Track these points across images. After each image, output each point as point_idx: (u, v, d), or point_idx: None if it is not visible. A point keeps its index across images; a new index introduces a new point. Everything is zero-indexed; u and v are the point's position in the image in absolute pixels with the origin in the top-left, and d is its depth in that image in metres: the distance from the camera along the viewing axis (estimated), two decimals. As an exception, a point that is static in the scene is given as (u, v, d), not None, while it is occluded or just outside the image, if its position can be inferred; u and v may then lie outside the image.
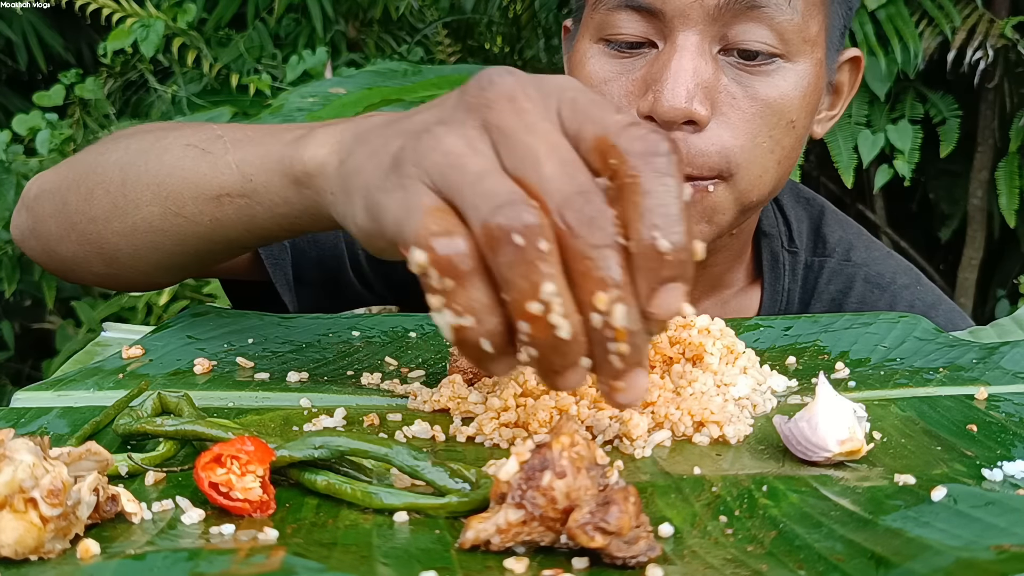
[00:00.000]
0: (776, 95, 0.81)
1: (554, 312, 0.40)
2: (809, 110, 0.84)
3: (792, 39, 0.79)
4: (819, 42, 0.82)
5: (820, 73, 0.84)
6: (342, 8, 2.64)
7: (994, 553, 0.38)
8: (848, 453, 0.52)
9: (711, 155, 0.80)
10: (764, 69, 0.80)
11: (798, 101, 0.82)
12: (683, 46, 0.78)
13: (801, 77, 0.81)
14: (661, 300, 0.41)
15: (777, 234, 0.99)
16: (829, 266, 0.99)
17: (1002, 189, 2.14)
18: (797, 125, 0.83)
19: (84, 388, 0.63)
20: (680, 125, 0.78)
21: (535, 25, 2.86)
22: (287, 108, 1.73)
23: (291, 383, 0.65)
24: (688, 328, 0.65)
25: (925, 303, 0.97)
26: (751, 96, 0.80)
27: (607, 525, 0.39)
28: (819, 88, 0.84)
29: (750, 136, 0.81)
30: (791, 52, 0.80)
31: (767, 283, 0.98)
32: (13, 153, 2.48)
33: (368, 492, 0.46)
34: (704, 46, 0.79)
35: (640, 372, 0.42)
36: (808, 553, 0.41)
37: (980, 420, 0.59)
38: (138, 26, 2.39)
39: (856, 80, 0.93)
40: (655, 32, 0.80)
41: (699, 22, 0.78)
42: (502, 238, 0.40)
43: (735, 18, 0.78)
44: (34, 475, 0.39)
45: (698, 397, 0.60)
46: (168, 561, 0.37)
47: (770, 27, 0.78)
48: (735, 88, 0.80)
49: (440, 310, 0.42)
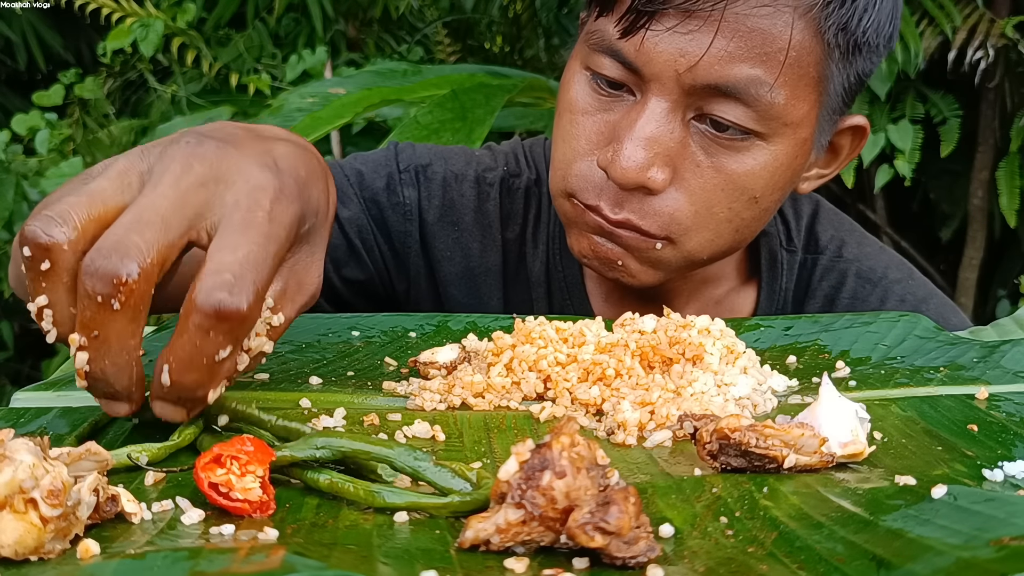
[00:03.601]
0: (742, 171, 0.79)
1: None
2: (779, 186, 0.82)
3: (770, 121, 0.78)
4: (806, 122, 0.80)
5: (801, 151, 0.82)
6: (342, 7, 2.64)
7: (994, 550, 0.38)
8: (850, 455, 0.51)
9: (662, 217, 0.80)
10: (735, 144, 0.79)
11: (765, 179, 0.80)
12: (652, 110, 0.78)
13: (774, 157, 0.80)
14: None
15: (776, 233, 0.99)
16: (822, 263, 0.99)
17: (1003, 189, 2.14)
18: (761, 200, 0.82)
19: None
20: (635, 189, 0.79)
21: (535, 25, 2.86)
22: (287, 108, 1.73)
23: (295, 383, 0.65)
24: (688, 328, 0.65)
25: (916, 297, 0.97)
26: (716, 167, 0.79)
27: (607, 525, 0.39)
28: (796, 165, 0.83)
29: (706, 205, 0.80)
30: (768, 133, 0.79)
31: (765, 282, 0.98)
32: (12, 153, 2.48)
33: (371, 491, 0.46)
34: (676, 112, 0.78)
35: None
36: (809, 554, 0.41)
37: (981, 420, 0.59)
38: (137, 26, 2.39)
39: (857, 148, 0.91)
40: (634, 83, 0.80)
41: (673, 92, 0.77)
42: (91, 294, 0.48)
43: (711, 96, 0.77)
44: (34, 475, 0.39)
45: (698, 397, 0.60)
46: (168, 560, 0.37)
47: (746, 107, 0.77)
48: (701, 156, 0.79)
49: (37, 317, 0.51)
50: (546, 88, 1.85)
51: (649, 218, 0.80)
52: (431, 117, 1.50)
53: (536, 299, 1.00)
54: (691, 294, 0.97)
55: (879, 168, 2.10)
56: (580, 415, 0.61)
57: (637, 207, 0.80)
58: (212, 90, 2.54)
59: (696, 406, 0.58)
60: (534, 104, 1.93)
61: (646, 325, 0.67)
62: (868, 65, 0.84)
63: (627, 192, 0.80)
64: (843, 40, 0.78)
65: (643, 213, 0.80)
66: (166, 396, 0.50)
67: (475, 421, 0.61)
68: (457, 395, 0.63)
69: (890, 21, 0.82)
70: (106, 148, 2.48)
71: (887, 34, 0.82)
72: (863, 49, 0.81)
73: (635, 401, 0.59)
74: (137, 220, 0.48)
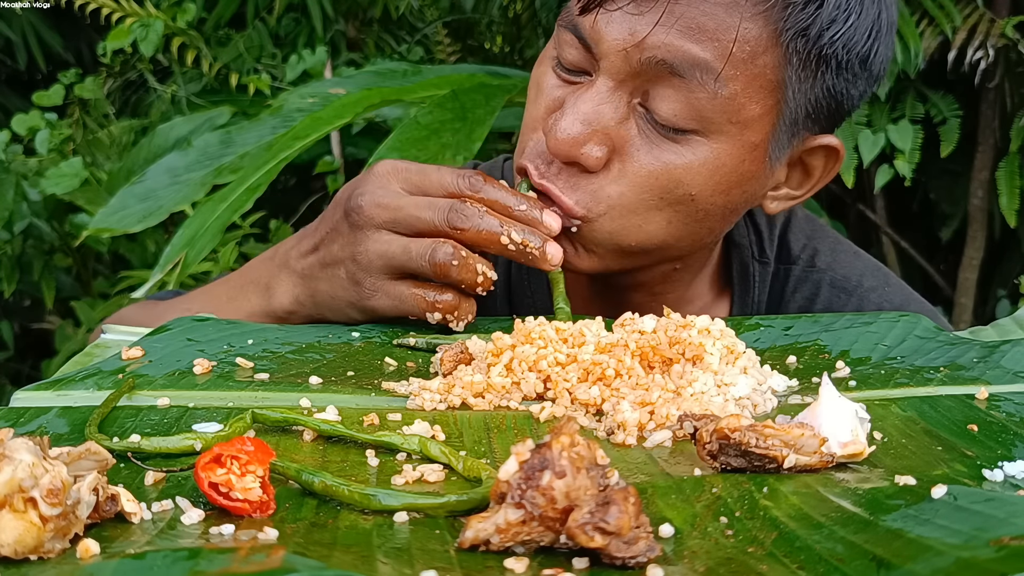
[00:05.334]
0: (680, 164, 0.78)
1: (488, 276, 0.76)
2: (721, 189, 0.80)
3: (712, 117, 0.77)
4: (757, 125, 0.79)
5: (751, 156, 0.80)
6: (342, 7, 2.63)
7: (994, 550, 0.38)
8: (850, 455, 0.51)
9: (585, 194, 0.79)
10: (675, 137, 0.78)
11: (703, 177, 0.79)
12: (597, 88, 0.78)
13: (715, 156, 0.79)
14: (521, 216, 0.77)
15: (747, 244, 0.98)
16: (794, 274, 0.97)
17: (1003, 189, 2.14)
18: (699, 199, 0.80)
19: (83, 388, 0.63)
20: (569, 163, 0.78)
21: (535, 25, 2.85)
22: (287, 108, 1.73)
23: (296, 384, 0.65)
24: (688, 328, 0.65)
25: (893, 304, 0.95)
26: (654, 156, 0.78)
27: (607, 525, 0.39)
28: (743, 170, 0.81)
29: (636, 191, 0.79)
30: (709, 130, 0.78)
31: (736, 295, 0.97)
32: (12, 153, 2.48)
33: (366, 494, 0.46)
34: (620, 94, 0.78)
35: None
36: (809, 554, 0.41)
37: (981, 420, 0.59)
38: (137, 26, 2.38)
39: (831, 170, 0.88)
40: (589, 64, 0.80)
41: (619, 72, 0.77)
42: (447, 264, 0.75)
43: (656, 79, 0.76)
44: (34, 475, 0.39)
45: (698, 397, 0.60)
46: (168, 560, 0.37)
47: (687, 101, 0.76)
48: (641, 142, 0.79)
49: (456, 325, 0.78)
50: (546, 88, 1.84)
51: (571, 192, 0.79)
52: (431, 117, 1.50)
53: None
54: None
55: (879, 168, 2.10)
56: (580, 415, 0.61)
57: (564, 180, 0.79)
58: (212, 90, 2.54)
59: (696, 406, 0.58)
60: (534, 104, 1.92)
61: (646, 325, 0.67)
62: (840, 84, 0.81)
63: (563, 165, 0.79)
64: (802, 47, 0.77)
65: (567, 186, 0.79)
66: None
67: (475, 421, 0.61)
68: (457, 395, 0.63)
69: (868, 41, 0.80)
70: (106, 148, 2.48)
71: (862, 53, 0.80)
72: (830, 63, 0.79)
73: (635, 401, 0.59)
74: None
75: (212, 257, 2.16)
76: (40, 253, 2.46)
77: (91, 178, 2.31)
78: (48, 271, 2.46)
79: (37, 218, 2.39)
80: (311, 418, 0.57)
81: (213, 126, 2.09)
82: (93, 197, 2.23)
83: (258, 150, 1.62)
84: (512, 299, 1.00)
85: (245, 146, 1.67)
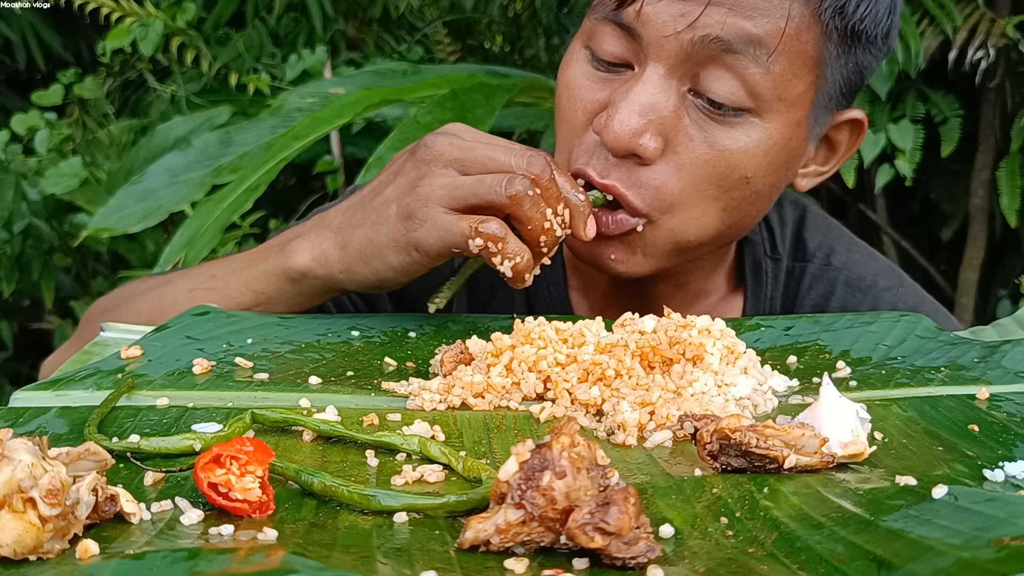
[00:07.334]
0: (735, 148, 0.79)
1: (553, 223, 0.73)
2: (773, 168, 0.81)
3: (765, 95, 0.78)
4: (801, 102, 0.80)
5: (796, 133, 0.82)
6: (342, 7, 2.63)
7: (994, 550, 0.38)
8: (851, 456, 0.51)
9: (648, 189, 0.79)
10: (729, 120, 0.78)
11: (758, 158, 0.80)
12: (648, 78, 0.78)
13: (768, 135, 0.79)
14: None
15: (760, 241, 0.98)
16: (810, 271, 0.98)
17: (1003, 189, 2.14)
18: (753, 181, 0.81)
19: (83, 388, 0.63)
20: (626, 156, 0.78)
21: (535, 24, 2.85)
22: (286, 108, 1.72)
23: (296, 384, 0.65)
24: (688, 328, 0.65)
25: (907, 304, 0.95)
26: (709, 143, 0.79)
27: (607, 526, 0.39)
28: (790, 148, 0.82)
29: (695, 181, 0.79)
30: (762, 108, 0.78)
31: (750, 291, 0.97)
32: (12, 153, 2.48)
33: (366, 494, 0.46)
34: (671, 82, 0.78)
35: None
36: (809, 555, 0.41)
37: (981, 420, 0.59)
38: (137, 25, 2.38)
39: (855, 143, 0.90)
40: (633, 55, 0.80)
41: (671, 56, 0.77)
42: (523, 196, 0.71)
43: (709, 60, 0.77)
44: (33, 475, 0.39)
45: (699, 397, 0.60)
46: (167, 560, 0.37)
47: (741, 79, 0.77)
48: (695, 131, 0.79)
49: (501, 263, 0.71)
50: (546, 88, 1.85)
51: (635, 189, 0.79)
52: (431, 117, 1.50)
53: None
54: (685, 307, 0.96)
55: (880, 168, 2.10)
56: (580, 415, 0.61)
57: (625, 176, 0.79)
58: (211, 90, 2.54)
59: (696, 406, 0.58)
60: (534, 104, 1.93)
61: (646, 325, 0.66)
62: (867, 58, 0.84)
63: (618, 160, 0.79)
64: (840, 24, 0.79)
65: (630, 183, 0.79)
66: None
67: (475, 421, 0.60)
68: (457, 395, 0.63)
69: (888, 16, 0.82)
70: (105, 148, 2.48)
71: (884, 28, 0.83)
72: (861, 38, 0.81)
73: (635, 401, 0.59)
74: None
75: (212, 257, 2.16)
76: (39, 253, 2.46)
77: (90, 178, 2.31)
78: (47, 271, 2.46)
79: (36, 218, 2.39)
80: (311, 418, 0.56)
81: (212, 126, 2.08)
82: (92, 197, 2.23)
83: (257, 150, 1.62)
84: (528, 289, 1.00)
85: (244, 146, 1.67)
